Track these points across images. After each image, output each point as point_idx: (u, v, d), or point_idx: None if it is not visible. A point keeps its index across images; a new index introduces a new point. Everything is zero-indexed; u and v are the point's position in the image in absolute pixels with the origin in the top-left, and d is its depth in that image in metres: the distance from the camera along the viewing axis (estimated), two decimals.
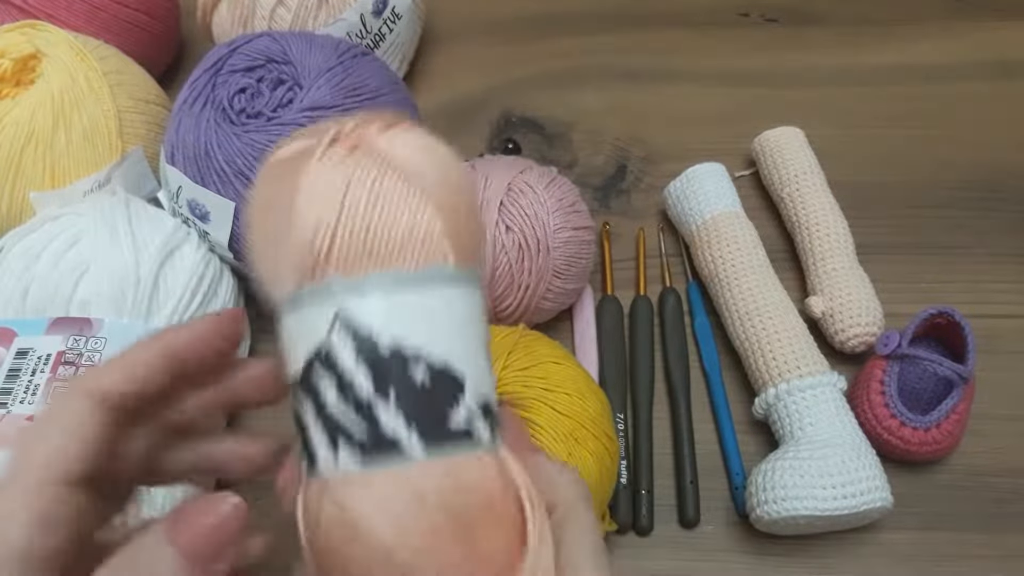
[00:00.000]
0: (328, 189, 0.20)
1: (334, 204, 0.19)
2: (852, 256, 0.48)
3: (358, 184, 0.20)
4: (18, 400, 0.37)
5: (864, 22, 0.64)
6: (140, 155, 0.48)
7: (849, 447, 0.39)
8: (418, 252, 0.20)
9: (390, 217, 0.19)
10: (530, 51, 0.64)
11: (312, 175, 0.20)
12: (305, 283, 0.19)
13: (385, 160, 0.20)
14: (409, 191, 0.20)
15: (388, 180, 0.20)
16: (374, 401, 0.19)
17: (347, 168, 0.20)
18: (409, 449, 0.19)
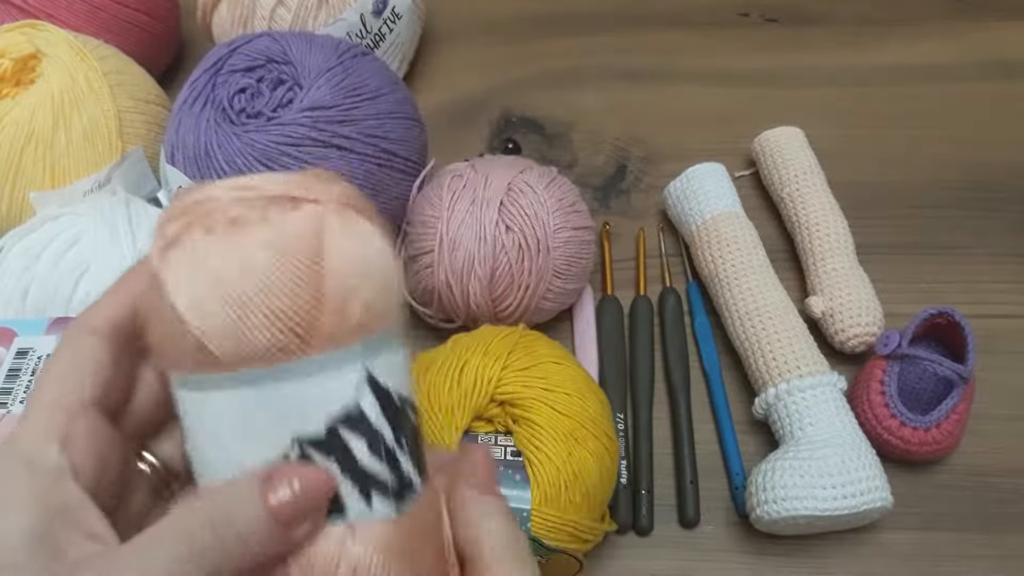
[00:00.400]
0: (356, 259, 0.20)
1: (363, 272, 0.20)
2: (852, 256, 0.48)
3: (377, 256, 0.21)
4: (18, 400, 0.37)
5: (864, 22, 0.64)
6: (140, 155, 0.48)
7: (849, 447, 0.39)
8: (384, 318, 0.21)
9: (387, 288, 0.21)
10: (530, 51, 0.64)
11: (335, 249, 0.20)
12: (326, 348, 0.19)
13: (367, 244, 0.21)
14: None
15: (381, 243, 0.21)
16: (395, 450, 0.20)
17: (362, 242, 0.20)
18: (418, 488, 0.21)
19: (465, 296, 0.43)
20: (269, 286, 0.19)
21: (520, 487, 0.35)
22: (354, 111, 0.43)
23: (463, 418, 0.36)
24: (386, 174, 0.44)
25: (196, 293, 0.19)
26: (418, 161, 0.48)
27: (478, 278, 0.43)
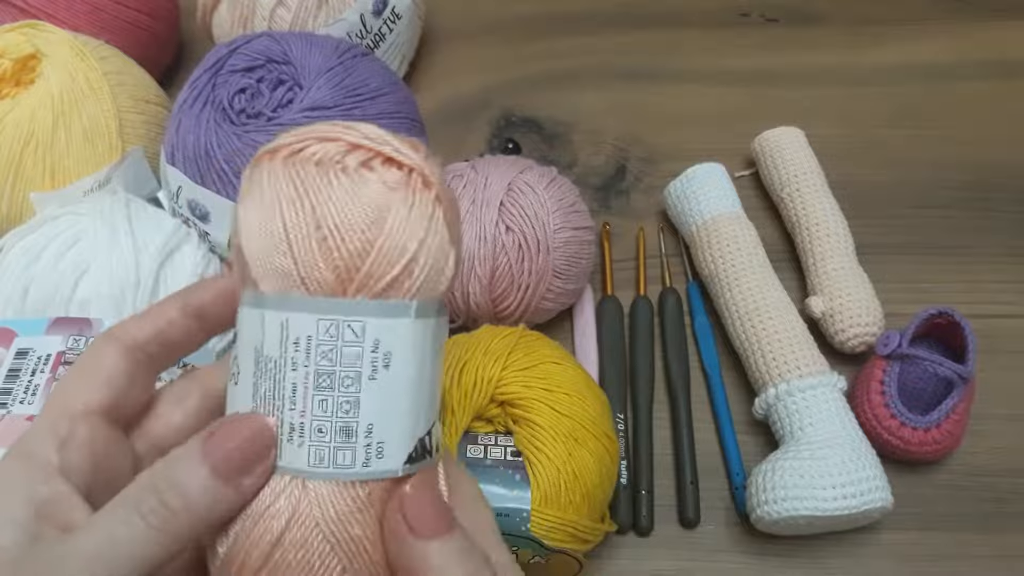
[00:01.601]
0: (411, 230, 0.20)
1: (410, 244, 0.20)
2: (852, 256, 0.48)
3: (430, 236, 0.20)
4: (18, 400, 0.37)
5: (864, 22, 0.64)
6: (140, 155, 0.48)
7: (849, 447, 0.39)
8: (408, 290, 0.21)
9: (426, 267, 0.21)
10: (530, 51, 0.64)
11: (404, 213, 0.20)
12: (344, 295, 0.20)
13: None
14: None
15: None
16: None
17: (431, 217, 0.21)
18: (391, 466, 0.21)
19: (465, 296, 0.43)
20: (327, 221, 0.19)
21: (520, 487, 0.35)
22: (354, 111, 0.43)
23: (463, 418, 0.36)
24: None
25: (255, 213, 0.20)
26: None
27: (478, 278, 0.43)
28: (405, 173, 0.20)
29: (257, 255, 0.20)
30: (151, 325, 0.23)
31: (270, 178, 0.20)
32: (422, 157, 0.21)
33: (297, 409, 0.20)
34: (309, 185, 0.20)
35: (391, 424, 0.20)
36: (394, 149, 0.21)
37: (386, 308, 0.20)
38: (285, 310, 0.20)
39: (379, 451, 0.20)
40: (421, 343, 0.20)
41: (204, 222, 0.43)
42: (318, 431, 0.20)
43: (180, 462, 0.20)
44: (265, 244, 0.20)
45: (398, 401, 0.20)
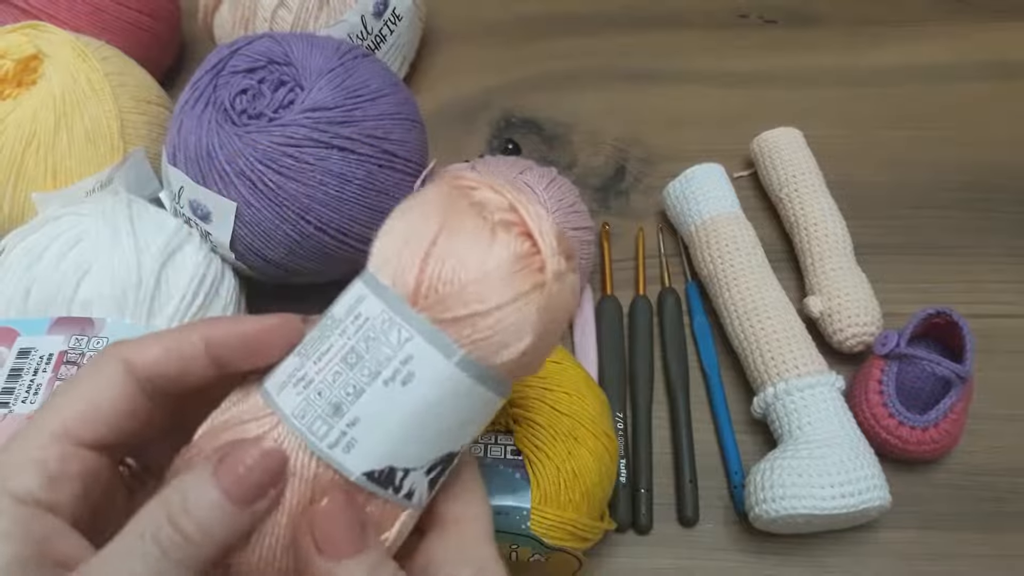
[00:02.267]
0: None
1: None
2: (850, 256, 0.48)
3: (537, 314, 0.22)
4: (20, 400, 0.37)
5: (863, 23, 0.64)
6: (142, 156, 0.48)
7: (847, 446, 0.39)
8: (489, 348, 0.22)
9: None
10: (530, 52, 0.64)
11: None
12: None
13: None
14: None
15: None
16: None
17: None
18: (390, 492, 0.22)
19: None
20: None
21: (520, 486, 0.35)
22: (355, 112, 0.43)
23: None
24: (387, 175, 0.44)
25: (403, 213, 0.23)
26: (419, 162, 0.48)
27: None
28: (531, 250, 0.22)
29: (381, 240, 0.23)
30: (165, 355, 0.21)
31: (432, 194, 0.23)
32: (557, 249, 0.22)
33: (318, 365, 0.21)
34: (452, 212, 0.22)
35: (374, 433, 0.21)
36: (539, 230, 0.22)
37: (435, 336, 0.21)
38: (369, 288, 0.22)
39: (349, 446, 0.21)
40: (450, 391, 0.21)
41: (206, 222, 0.44)
42: (317, 392, 0.21)
43: (193, 490, 0.19)
44: (391, 236, 0.22)
45: (392, 419, 0.21)
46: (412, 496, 0.22)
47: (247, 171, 0.41)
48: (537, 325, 0.21)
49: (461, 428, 0.22)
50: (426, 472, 0.22)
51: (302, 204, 0.42)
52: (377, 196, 0.44)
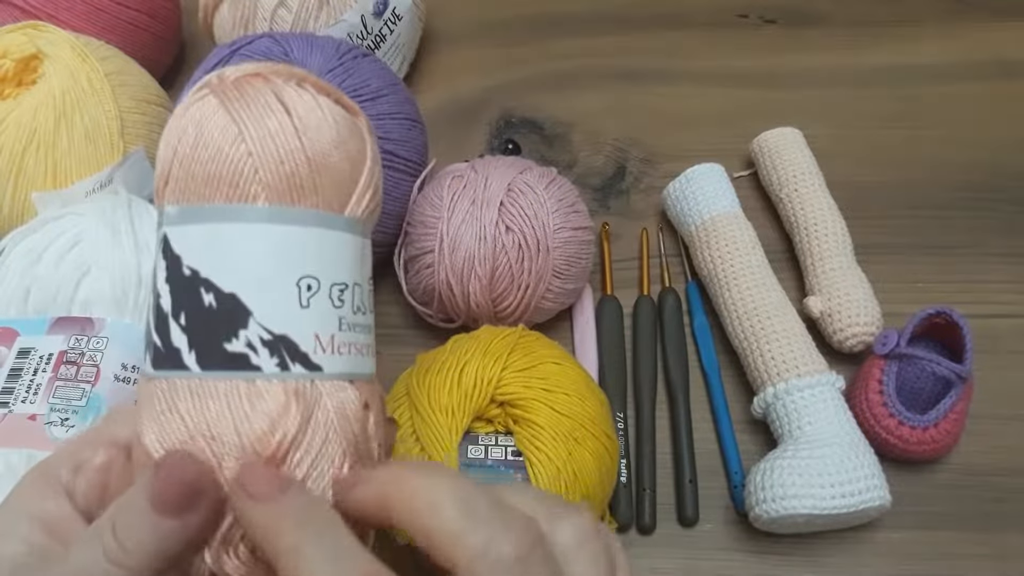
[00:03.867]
0: (178, 127, 0.23)
1: (178, 139, 0.23)
2: (850, 256, 0.48)
3: (205, 123, 0.23)
4: (20, 400, 0.37)
5: (863, 23, 0.64)
6: (142, 155, 0.48)
7: (847, 446, 0.39)
8: (228, 189, 0.22)
9: (214, 154, 0.22)
10: (530, 52, 0.64)
11: (179, 113, 0.23)
12: (158, 205, 0.23)
13: (235, 103, 0.23)
14: (231, 133, 0.22)
15: (218, 120, 0.22)
16: (170, 318, 0.22)
17: (202, 109, 0.23)
18: (189, 364, 0.22)
19: (465, 296, 0.43)
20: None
21: None
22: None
23: (463, 419, 0.36)
24: (387, 175, 0.44)
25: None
26: (419, 162, 0.48)
27: (478, 278, 0.43)
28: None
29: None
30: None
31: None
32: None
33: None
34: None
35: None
36: None
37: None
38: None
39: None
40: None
41: None
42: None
43: (129, 499, 0.20)
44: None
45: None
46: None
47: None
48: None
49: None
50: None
51: None
52: None
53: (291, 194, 0.22)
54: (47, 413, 0.36)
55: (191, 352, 0.22)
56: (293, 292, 0.22)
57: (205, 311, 0.22)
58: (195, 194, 0.22)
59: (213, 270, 0.22)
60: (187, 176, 0.22)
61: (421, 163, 0.48)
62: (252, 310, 0.22)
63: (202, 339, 0.22)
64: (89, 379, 0.37)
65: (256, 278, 0.22)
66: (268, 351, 0.22)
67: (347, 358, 0.23)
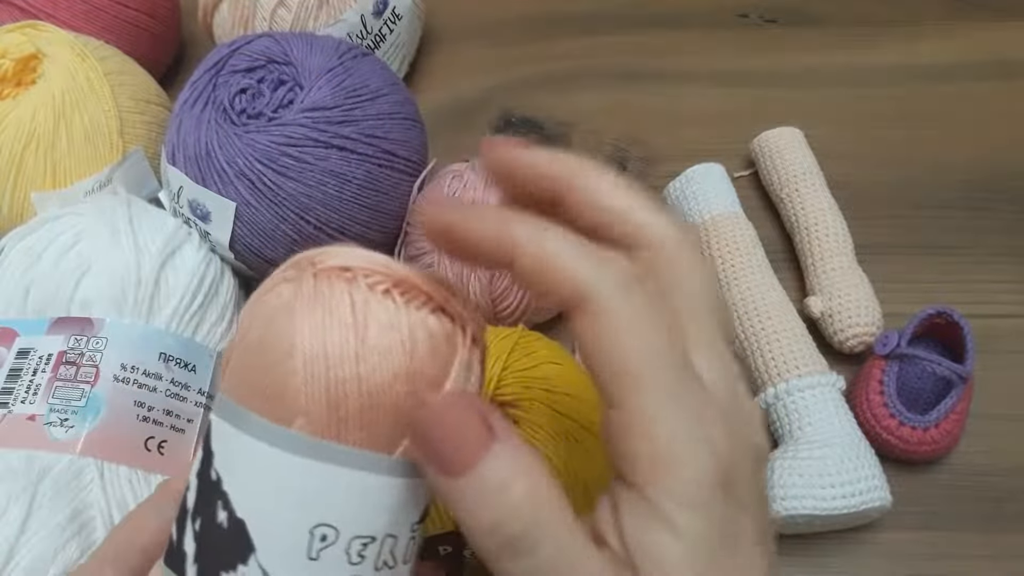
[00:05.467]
0: (251, 312, 0.21)
1: (248, 326, 0.20)
2: (851, 256, 0.48)
3: (272, 320, 0.20)
4: (19, 400, 0.37)
5: (863, 23, 0.64)
6: (141, 155, 0.48)
7: (848, 447, 0.39)
8: (268, 402, 0.19)
9: (265, 359, 0.19)
10: (530, 52, 0.64)
11: (260, 292, 0.21)
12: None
13: (305, 305, 0.20)
14: (286, 341, 0.19)
15: (281, 322, 0.19)
16: (188, 518, 0.20)
17: (275, 301, 0.20)
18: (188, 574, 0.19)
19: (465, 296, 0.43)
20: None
21: None
22: (355, 111, 0.43)
23: None
24: (386, 175, 0.44)
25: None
26: (418, 161, 0.48)
27: (478, 278, 0.43)
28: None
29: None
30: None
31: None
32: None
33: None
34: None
35: None
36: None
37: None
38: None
39: None
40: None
41: (205, 222, 0.44)
42: None
43: None
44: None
45: None
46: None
47: (246, 171, 0.41)
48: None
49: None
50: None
51: (301, 204, 0.42)
52: (376, 196, 0.44)
53: (333, 427, 0.18)
54: (46, 413, 0.36)
55: (194, 566, 0.19)
56: (304, 539, 0.19)
57: (216, 529, 0.19)
58: (242, 393, 0.19)
59: (233, 486, 0.19)
60: (241, 369, 0.20)
61: (421, 163, 0.48)
62: (256, 547, 0.19)
63: (206, 559, 0.19)
64: (88, 379, 0.37)
65: (268, 512, 0.19)
66: None
67: None
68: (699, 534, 0.17)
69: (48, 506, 0.34)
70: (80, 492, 0.35)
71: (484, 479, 0.17)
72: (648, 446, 0.18)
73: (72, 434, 0.36)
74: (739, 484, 0.18)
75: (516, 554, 0.17)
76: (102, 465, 0.36)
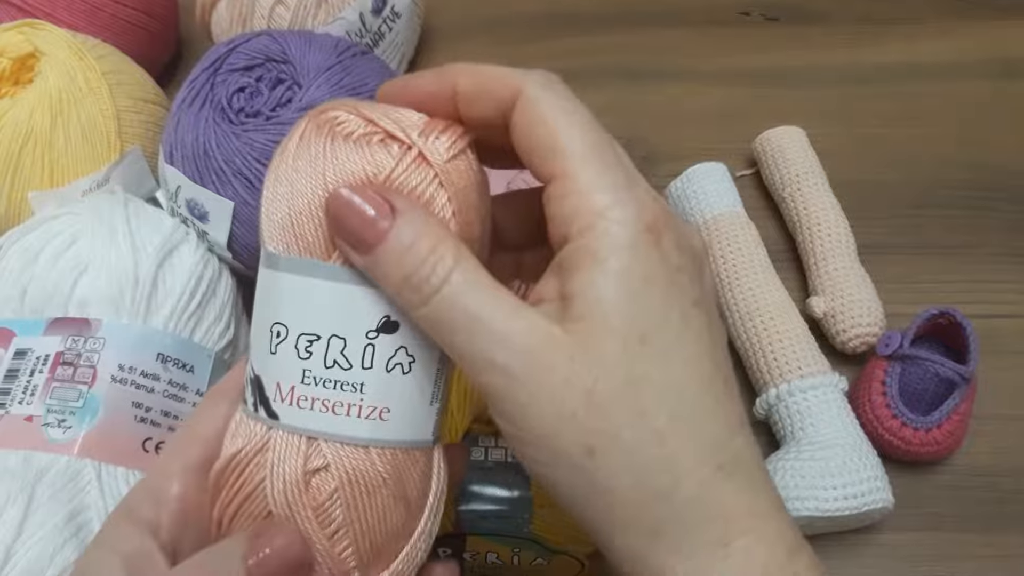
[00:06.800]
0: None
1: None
2: (853, 256, 0.48)
3: None
4: (16, 401, 0.36)
5: (865, 21, 0.64)
6: (139, 154, 0.48)
7: (850, 447, 0.39)
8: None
9: None
10: (530, 50, 0.64)
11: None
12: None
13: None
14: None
15: None
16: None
17: None
18: None
19: None
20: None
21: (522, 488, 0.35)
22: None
23: (463, 420, 0.36)
24: None
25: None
26: None
27: None
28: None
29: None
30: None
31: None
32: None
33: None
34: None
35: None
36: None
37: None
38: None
39: None
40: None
41: (203, 222, 0.43)
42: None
43: (223, 561, 0.21)
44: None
45: None
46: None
47: (245, 170, 0.41)
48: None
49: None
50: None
51: None
52: None
53: (282, 241, 0.22)
54: (44, 414, 0.36)
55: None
56: (267, 336, 0.22)
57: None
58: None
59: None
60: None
61: None
62: (251, 346, 0.23)
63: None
64: (86, 380, 0.37)
65: (254, 319, 0.23)
66: (250, 388, 0.23)
67: (309, 413, 0.22)
68: (625, 268, 0.20)
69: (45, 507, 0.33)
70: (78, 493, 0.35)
71: (392, 246, 0.20)
72: (584, 201, 0.20)
73: (70, 435, 0.35)
74: (665, 238, 0.20)
75: (426, 297, 0.20)
76: (100, 466, 0.35)
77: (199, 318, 0.41)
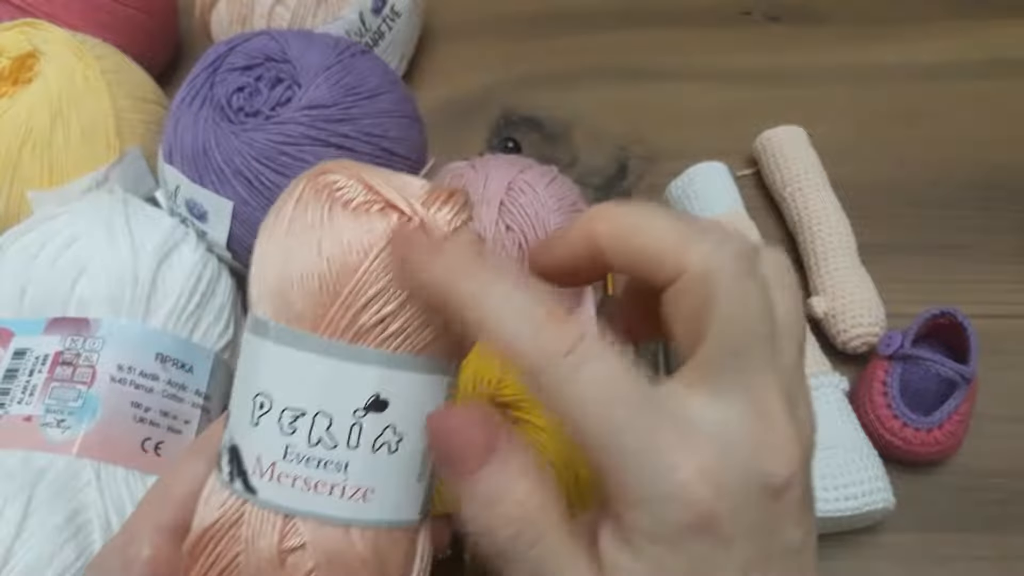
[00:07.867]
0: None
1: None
2: (854, 256, 0.48)
3: None
4: (15, 400, 0.36)
5: (867, 21, 0.64)
6: (138, 154, 0.48)
7: (851, 448, 0.39)
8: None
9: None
10: (530, 49, 0.63)
11: None
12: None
13: None
14: None
15: None
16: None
17: None
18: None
19: None
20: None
21: None
22: (353, 109, 0.43)
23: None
24: None
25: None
26: (417, 160, 0.47)
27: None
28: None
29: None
30: None
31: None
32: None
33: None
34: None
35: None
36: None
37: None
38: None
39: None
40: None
41: (202, 221, 0.43)
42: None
43: None
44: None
45: None
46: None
47: (244, 170, 0.41)
48: None
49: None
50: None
51: None
52: None
53: (271, 308, 0.21)
54: (43, 414, 0.36)
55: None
56: (249, 407, 0.21)
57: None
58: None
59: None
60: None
61: (420, 161, 0.48)
62: (230, 414, 0.22)
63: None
64: (85, 380, 0.37)
65: (236, 387, 0.22)
66: (227, 456, 0.22)
67: (289, 491, 0.21)
68: (660, 562, 0.18)
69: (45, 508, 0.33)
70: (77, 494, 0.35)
71: (480, 489, 0.19)
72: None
73: (69, 435, 0.35)
74: (724, 521, 0.18)
75: (509, 557, 0.19)
76: (99, 466, 0.35)
77: (198, 318, 0.41)
